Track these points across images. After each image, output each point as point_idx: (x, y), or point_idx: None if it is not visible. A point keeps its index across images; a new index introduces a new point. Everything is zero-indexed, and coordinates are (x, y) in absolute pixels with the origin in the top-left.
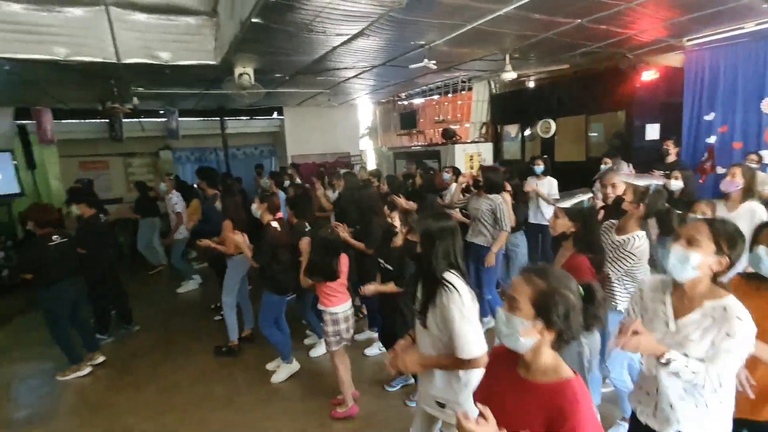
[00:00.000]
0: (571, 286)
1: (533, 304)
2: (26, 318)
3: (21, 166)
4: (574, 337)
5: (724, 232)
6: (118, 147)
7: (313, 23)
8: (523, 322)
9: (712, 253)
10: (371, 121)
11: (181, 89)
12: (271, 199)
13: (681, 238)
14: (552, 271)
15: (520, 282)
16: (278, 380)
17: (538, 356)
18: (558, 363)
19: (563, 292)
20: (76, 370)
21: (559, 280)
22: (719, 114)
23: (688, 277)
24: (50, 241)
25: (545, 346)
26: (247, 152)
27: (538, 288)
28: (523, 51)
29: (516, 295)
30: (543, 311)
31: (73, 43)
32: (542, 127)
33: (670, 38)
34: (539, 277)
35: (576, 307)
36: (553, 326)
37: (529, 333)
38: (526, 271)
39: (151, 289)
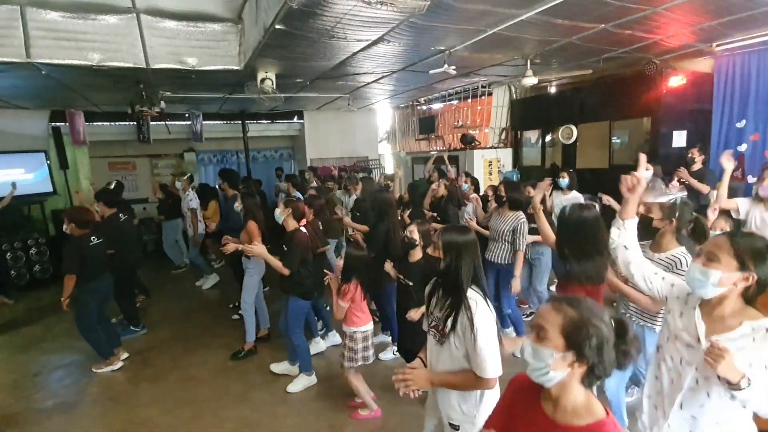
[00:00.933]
0: (604, 317)
1: (564, 335)
2: (58, 311)
3: (54, 166)
4: (607, 374)
5: (747, 246)
6: (145, 148)
7: (334, 29)
8: (552, 354)
9: (735, 270)
10: (390, 125)
11: (205, 93)
12: (297, 205)
13: (702, 254)
14: (584, 301)
15: (549, 311)
16: (293, 390)
17: (566, 392)
18: (589, 400)
19: (596, 323)
20: (109, 364)
21: (592, 310)
22: (751, 121)
23: (709, 294)
24: (90, 241)
25: (575, 381)
26: (267, 155)
27: (570, 317)
28: (544, 56)
29: (545, 324)
30: (575, 342)
31: (106, 49)
32: (564, 133)
33: (699, 43)
34: (570, 306)
35: (609, 340)
36: (586, 359)
37: (559, 366)
38: (555, 300)
39: (172, 286)
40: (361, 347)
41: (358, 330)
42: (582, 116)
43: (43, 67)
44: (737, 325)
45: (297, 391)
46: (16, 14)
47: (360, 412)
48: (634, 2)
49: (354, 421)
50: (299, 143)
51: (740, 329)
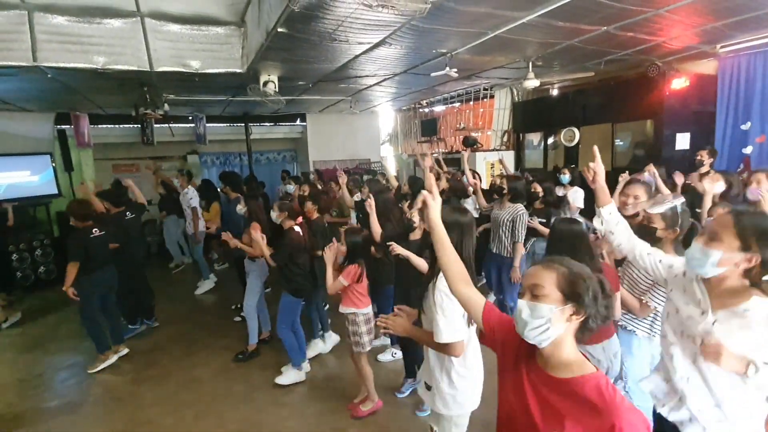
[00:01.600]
0: (590, 272)
1: (560, 289)
2: (63, 312)
3: (59, 168)
4: (600, 324)
5: (753, 226)
6: (149, 151)
7: (336, 32)
8: (552, 309)
9: (737, 250)
10: (392, 128)
11: (208, 96)
12: (290, 206)
13: (704, 233)
14: (568, 259)
15: (540, 270)
16: (282, 382)
17: (559, 350)
18: (581, 357)
19: (587, 275)
20: (104, 360)
21: (579, 266)
22: (756, 123)
23: (708, 274)
24: (91, 233)
25: (569, 337)
26: (270, 157)
27: (563, 272)
28: (546, 58)
29: (538, 281)
30: (573, 294)
31: (111, 52)
32: (566, 135)
33: (702, 45)
34: (560, 264)
35: (600, 293)
36: (585, 309)
37: (558, 320)
38: (543, 261)
39: (175, 286)
40: (365, 330)
41: (359, 312)
42: (584, 119)
43: (49, 71)
44: (743, 300)
45: (286, 384)
46: (24, 19)
47: (362, 408)
48: (635, 4)
49: (357, 423)
50: (302, 145)
51: (745, 304)
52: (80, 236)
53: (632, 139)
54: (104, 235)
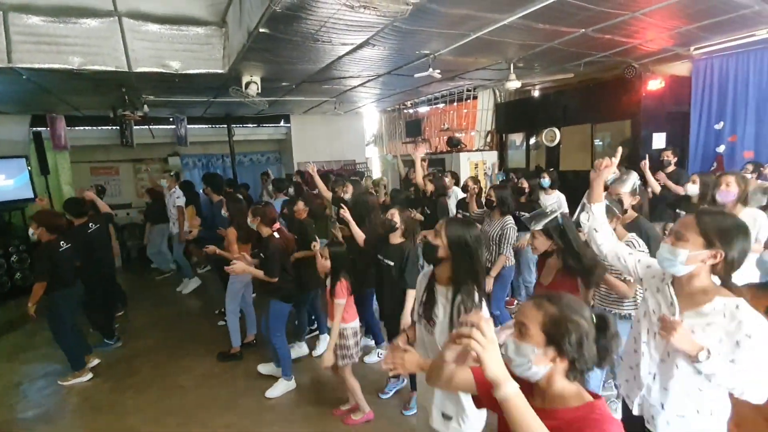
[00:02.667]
0: (584, 313)
1: (544, 331)
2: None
3: (35, 171)
4: (589, 368)
5: (714, 225)
6: (129, 153)
7: (319, 33)
8: (534, 350)
9: (702, 247)
10: (377, 129)
11: (189, 97)
12: (264, 211)
13: (671, 233)
14: (564, 297)
15: (529, 307)
16: (273, 395)
17: (553, 384)
18: (578, 388)
19: (576, 318)
20: (78, 377)
21: (572, 306)
22: (728, 123)
23: (679, 272)
24: (59, 247)
25: (558, 375)
26: (253, 159)
27: (549, 314)
28: (527, 60)
29: (525, 321)
30: (554, 338)
31: (87, 52)
32: (547, 136)
33: (677, 47)
34: (550, 303)
35: (589, 335)
36: (566, 354)
37: (541, 361)
38: (536, 298)
39: (156, 292)
40: (353, 343)
41: (348, 326)
42: (565, 119)
43: (23, 72)
44: (707, 301)
45: (276, 396)
46: None
47: (353, 417)
48: (612, 7)
49: (344, 426)
50: (286, 147)
51: (711, 304)
52: (48, 250)
53: (611, 139)
54: (70, 247)
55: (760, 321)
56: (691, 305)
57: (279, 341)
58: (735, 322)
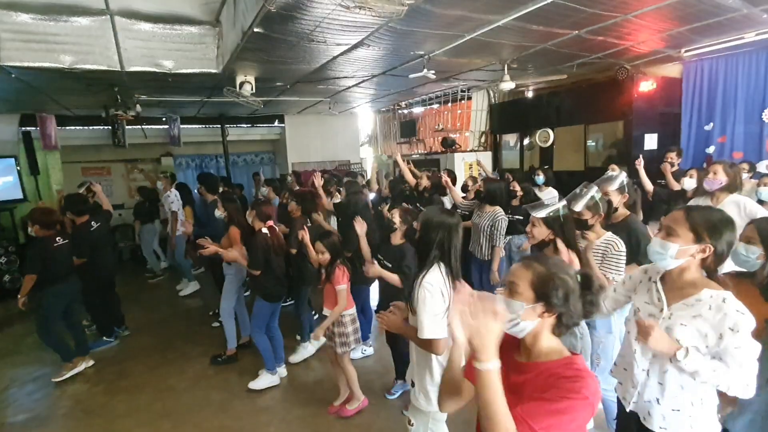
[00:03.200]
0: (569, 271)
1: (533, 288)
2: (29, 323)
3: (24, 171)
4: (575, 322)
5: (703, 220)
6: (121, 153)
7: (313, 33)
8: (523, 306)
9: (691, 242)
10: (371, 129)
11: (183, 97)
12: (260, 207)
13: (662, 228)
14: (551, 258)
15: (519, 268)
16: (256, 387)
17: (538, 341)
18: (560, 346)
19: (562, 275)
20: (72, 368)
21: (558, 265)
22: (718, 124)
23: (670, 266)
24: (54, 242)
25: (546, 330)
26: (247, 159)
27: (538, 272)
28: (521, 61)
29: (515, 279)
30: (543, 294)
31: (78, 51)
32: (541, 136)
33: (668, 49)
34: (539, 263)
35: (575, 291)
36: (554, 309)
37: (530, 316)
38: (525, 259)
39: (150, 293)
40: (352, 330)
41: (346, 314)
42: (558, 120)
43: (13, 71)
44: (695, 293)
45: (259, 389)
46: None
47: (348, 408)
48: (605, 9)
49: (339, 424)
50: (280, 147)
51: (698, 295)
52: (41, 246)
53: (604, 140)
54: (67, 244)
55: (746, 315)
56: (679, 298)
57: (258, 337)
58: (720, 314)
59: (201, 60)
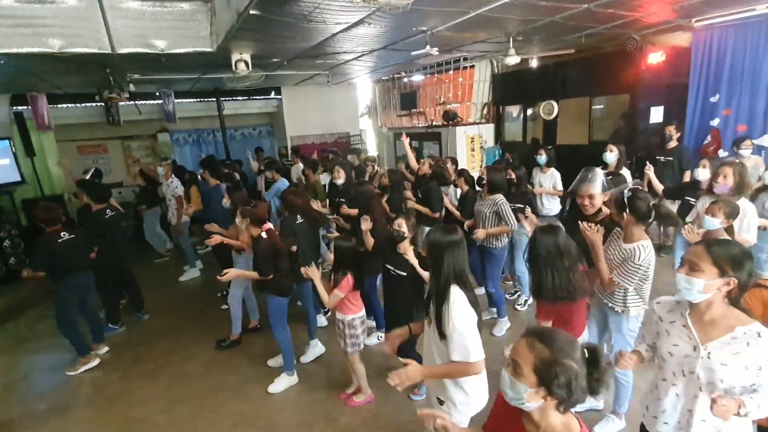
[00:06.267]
0: (574, 354)
1: (536, 372)
2: (40, 307)
3: (20, 153)
4: (579, 402)
5: (724, 255)
6: (116, 130)
7: (312, 14)
8: (526, 389)
9: (716, 276)
10: (370, 100)
11: (177, 74)
12: (252, 212)
13: (685, 263)
14: (555, 338)
15: (523, 347)
16: (276, 390)
17: (545, 416)
18: (568, 422)
19: (565, 362)
20: (85, 363)
21: (562, 348)
22: (724, 96)
23: (697, 299)
24: (59, 237)
25: (550, 409)
26: (245, 133)
27: (541, 356)
28: (527, 33)
29: (519, 361)
30: (545, 380)
31: (67, 34)
32: (545, 108)
33: (678, 19)
34: (543, 344)
35: (579, 376)
36: (555, 396)
37: (533, 399)
38: (530, 335)
39: (157, 276)
40: (361, 331)
41: (356, 316)
42: (563, 91)
43: (1, 56)
44: (728, 330)
45: (278, 392)
46: None
47: (355, 399)
48: None
49: (349, 410)
50: (278, 120)
51: (733, 333)
52: (46, 242)
53: (609, 113)
54: (74, 238)
55: None
56: (713, 336)
57: (281, 335)
58: (758, 348)
59: (194, 38)
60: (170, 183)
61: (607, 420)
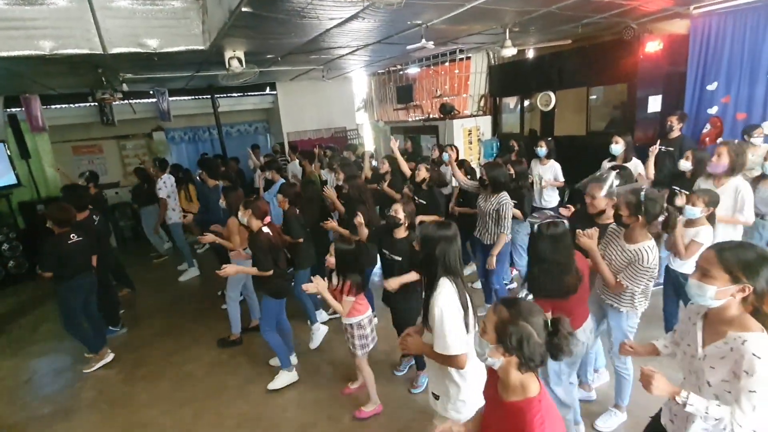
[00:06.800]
0: (530, 318)
1: (495, 331)
2: (40, 310)
3: (15, 155)
4: (536, 364)
5: (736, 260)
6: (111, 130)
7: (306, 10)
8: (488, 345)
9: (728, 283)
10: (366, 93)
11: (170, 73)
12: (255, 205)
13: (697, 269)
14: (518, 303)
15: (490, 310)
16: (274, 387)
17: (506, 374)
18: (525, 381)
19: (520, 323)
20: (100, 359)
21: (520, 312)
22: (722, 83)
23: (711, 305)
24: (69, 239)
25: (512, 367)
26: (241, 130)
27: (501, 317)
28: (523, 24)
29: (486, 321)
30: (500, 338)
31: (58, 35)
32: (542, 99)
33: (677, 6)
34: (505, 307)
35: (531, 337)
36: (509, 352)
37: (494, 355)
38: (498, 302)
39: (156, 276)
40: (369, 331)
41: (364, 317)
42: (560, 82)
43: None
44: (724, 335)
45: (278, 388)
46: None
47: (364, 410)
48: None
49: (353, 409)
50: (274, 116)
51: (725, 338)
52: (55, 243)
53: (607, 103)
54: (82, 240)
55: (762, 359)
56: (714, 340)
57: (268, 336)
58: (738, 355)
59: (186, 36)
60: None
61: (610, 413)
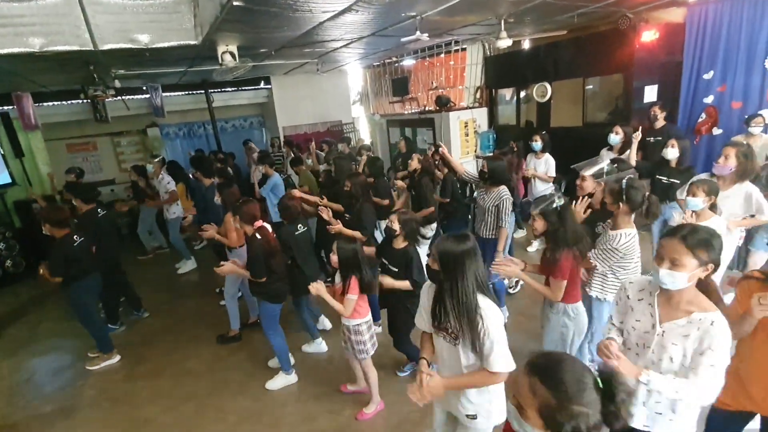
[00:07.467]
0: (581, 397)
1: (541, 417)
2: (39, 309)
3: (8, 154)
4: None
5: (699, 244)
6: (105, 127)
7: (298, 3)
8: (533, 430)
9: (696, 267)
10: (362, 86)
11: (163, 68)
12: (242, 211)
13: (665, 259)
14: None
15: (524, 388)
16: (272, 388)
17: None
18: None
19: (572, 408)
20: (107, 359)
21: (567, 392)
22: (718, 72)
23: (681, 287)
24: (74, 241)
25: None
26: (236, 125)
27: (545, 402)
28: (518, 14)
29: (522, 402)
30: (551, 426)
31: (47, 32)
32: (538, 91)
33: None
34: (545, 386)
35: (590, 419)
36: None
37: None
38: (532, 373)
39: (152, 273)
40: (368, 337)
41: (362, 321)
42: (556, 73)
43: None
44: (687, 314)
45: (275, 389)
46: None
47: (365, 411)
48: None
49: (352, 404)
50: (269, 110)
51: (688, 317)
52: (63, 247)
53: (603, 94)
54: (85, 240)
55: (727, 336)
56: (673, 316)
57: (273, 338)
58: (707, 335)
59: (178, 31)
60: (161, 179)
61: None
